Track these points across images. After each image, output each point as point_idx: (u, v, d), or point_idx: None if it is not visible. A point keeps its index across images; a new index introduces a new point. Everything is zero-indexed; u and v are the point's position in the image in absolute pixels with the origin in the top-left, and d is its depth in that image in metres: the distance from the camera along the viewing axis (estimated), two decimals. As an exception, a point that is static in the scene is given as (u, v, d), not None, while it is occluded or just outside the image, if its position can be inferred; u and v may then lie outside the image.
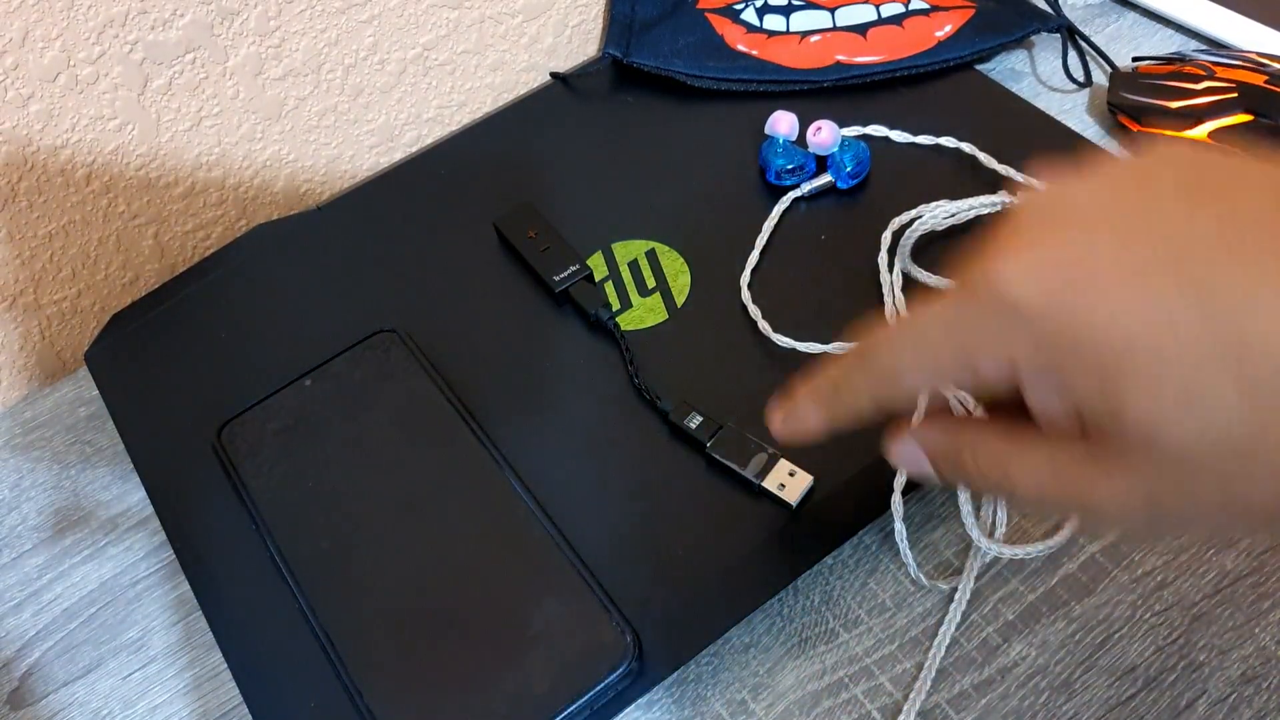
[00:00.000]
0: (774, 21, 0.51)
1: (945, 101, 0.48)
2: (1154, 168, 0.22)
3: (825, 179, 0.44)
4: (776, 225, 0.44)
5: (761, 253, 0.43)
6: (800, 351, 0.39)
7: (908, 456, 0.28)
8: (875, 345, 0.26)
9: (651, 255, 0.44)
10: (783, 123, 0.46)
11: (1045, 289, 0.21)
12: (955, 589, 0.35)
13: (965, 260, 0.23)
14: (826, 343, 0.39)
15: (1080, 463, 0.23)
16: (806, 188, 0.44)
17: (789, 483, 0.35)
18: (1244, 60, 0.45)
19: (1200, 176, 0.21)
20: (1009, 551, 0.35)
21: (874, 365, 0.26)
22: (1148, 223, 0.21)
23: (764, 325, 0.40)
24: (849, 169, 0.44)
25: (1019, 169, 0.43)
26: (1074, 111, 0.48)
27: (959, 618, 0.34)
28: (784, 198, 0.44)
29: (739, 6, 0.52)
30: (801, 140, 0.45)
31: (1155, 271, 0.20)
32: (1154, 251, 0.20)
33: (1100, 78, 0.49)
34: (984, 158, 0.44)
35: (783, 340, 0.40)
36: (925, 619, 0.35)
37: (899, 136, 0.46)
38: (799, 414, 0.29)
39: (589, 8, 0.55)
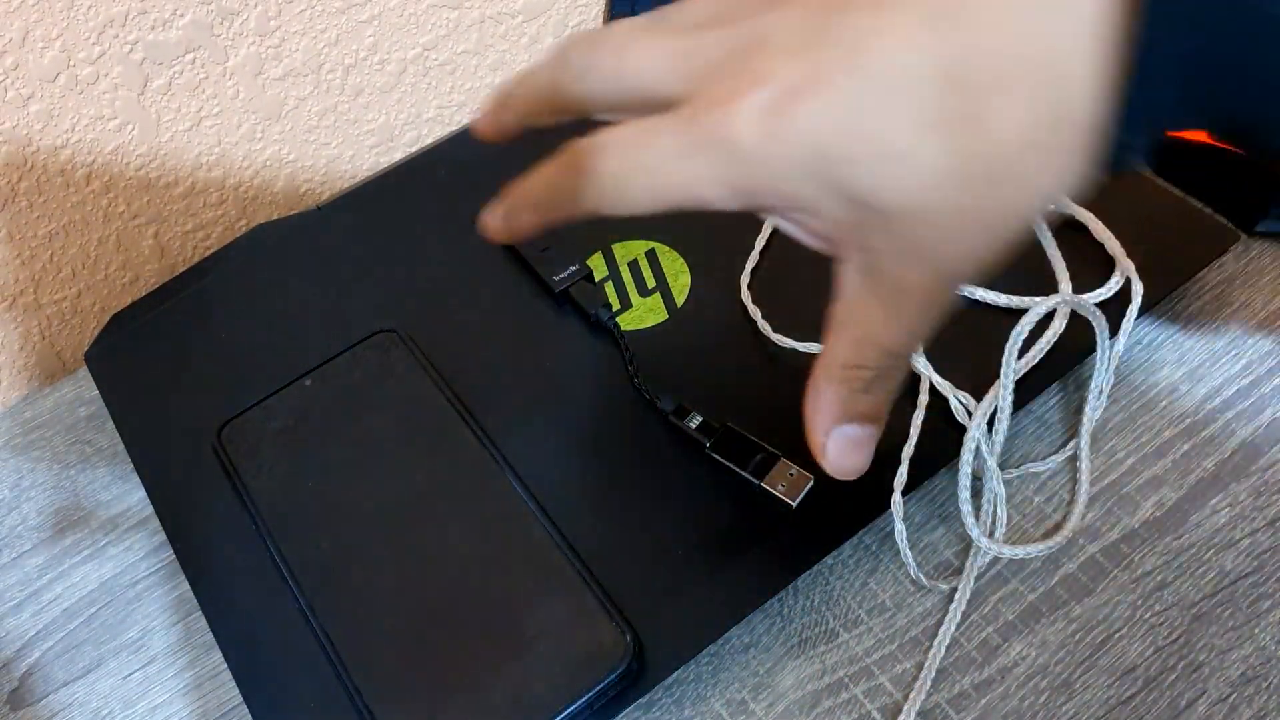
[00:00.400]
0: (774, 21, 0.51)
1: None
2: None
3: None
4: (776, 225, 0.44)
5: (761, 253, 0.43)
6: (800, 351, 0.39)
7: (840, 447, 0.28)
8: (601, 166, 0.26)
9: (651, 255, 0.44)
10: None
11: (765, 130, 0.23)
12: (955, 589, 0.35)
13: (690, 101, 0.25)
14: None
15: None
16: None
17: (789, 483, 0.35)
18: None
19: None
20: (1009, 551, 0.35)
21: (601, 187, 0.27)
22: (813, 30, 0.24)
23: (764, 325, 0.40)
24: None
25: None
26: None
27: (959, 618, 0.35)
28: (784, 198, 0.44)
29: (739, 6, 0.52)
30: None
31: (829, 72, 0.23)
32: (824, 53, 0.23)
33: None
34: (984, 158, 0.44)
35: (783, 340, 0.40)
36: (925, 619, 0.35)
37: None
38: (518, 219, 0.29)
39: (589, 8, 0.55)
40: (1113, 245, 0.40)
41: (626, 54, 0.26)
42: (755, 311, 0.41)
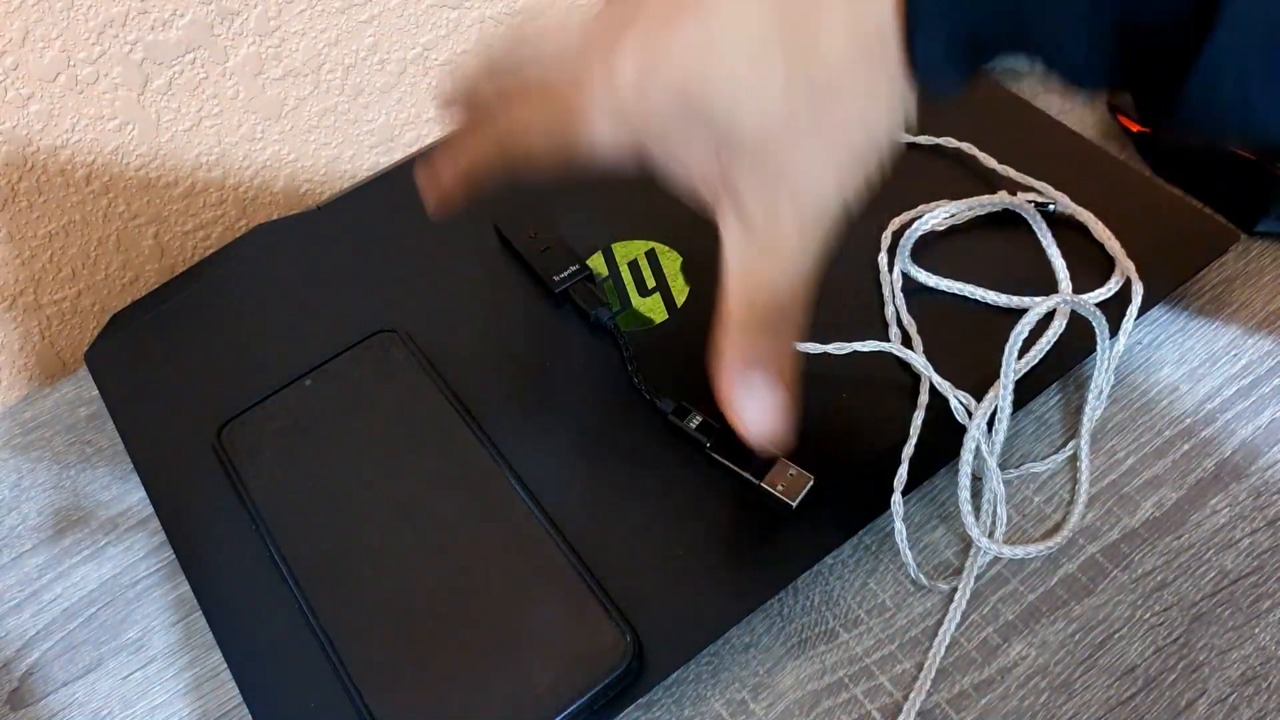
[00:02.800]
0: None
1: (945, 102, 0.48)
2: None
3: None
4: (776, 225, 0.43)
5: (761, 253, 0.43)
6: (800, 351, 0.39)
7: (746, 398, 0.30)
8: (505, 118, 0.31)
9: (651, 255, 0.44)
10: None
11: (638, 68, 0.26)
12: (955, 589, 0.35)
13: (568, 50, 0.29)
14: (826, 342, 0.39)
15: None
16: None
17: (789, 483, 0.35)
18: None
19: None
20: (1009, 551, 0.35)
21: (505, 141, 0.31)
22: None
23: (764, 325, 0.40)
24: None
25: (1019, 170, 0.43)
26: (1074, 112, 0.49)
27: (959, 618, 0.35)
28: (784, 198, 0.44)
29: (739, 7, 0.52)
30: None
31: (684, 13, 0.26)
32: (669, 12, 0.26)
33: (1100, 78, 0.49)
34: (984, 158, 0.44)
35: (783, 340, 0.40)
36: (925, 619, 0.35)
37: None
38: (446, 186, 0.33)
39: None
40: (1113, 245, 0.40)
41: (545, 28, 0.31)
42: (755, 311, 0.41)
